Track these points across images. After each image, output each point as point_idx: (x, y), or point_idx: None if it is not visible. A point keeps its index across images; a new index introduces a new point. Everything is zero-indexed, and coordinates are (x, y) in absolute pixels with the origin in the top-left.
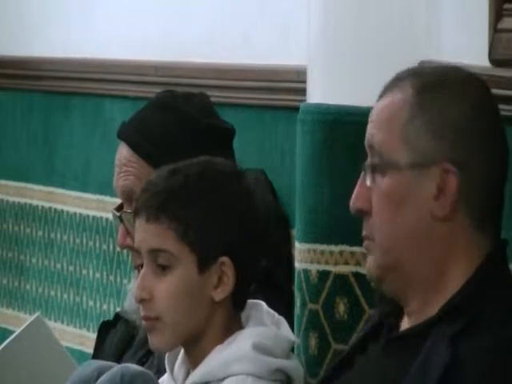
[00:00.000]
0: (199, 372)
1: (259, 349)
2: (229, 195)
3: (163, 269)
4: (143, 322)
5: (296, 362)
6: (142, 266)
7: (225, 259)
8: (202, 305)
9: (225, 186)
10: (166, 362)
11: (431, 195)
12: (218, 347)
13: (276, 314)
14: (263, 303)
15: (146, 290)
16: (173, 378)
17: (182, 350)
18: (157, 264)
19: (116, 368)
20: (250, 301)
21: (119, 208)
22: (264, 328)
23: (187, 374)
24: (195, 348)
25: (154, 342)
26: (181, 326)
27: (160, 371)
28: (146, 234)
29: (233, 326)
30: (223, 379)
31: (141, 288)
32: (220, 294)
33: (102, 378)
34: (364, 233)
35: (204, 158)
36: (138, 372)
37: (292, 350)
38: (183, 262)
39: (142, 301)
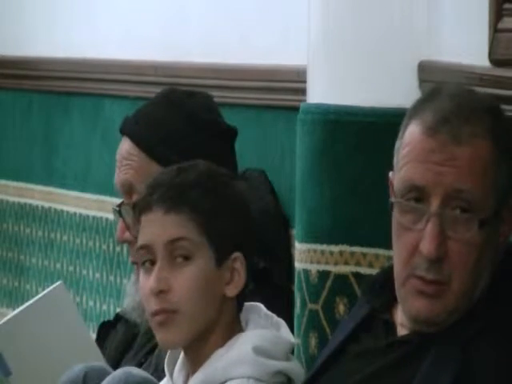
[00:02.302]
0: (200, 376)
1: (259, 352)
2: (236, 193)
3: (182, 260)
4: (156, 318)
5: (296, 364)
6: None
7: (238, 255)
8: (215, 300)
9: (231, 185)
10: (165, 365)
11: None
12: (219, 351)
13: (275, 316)
14: (262, 306)
15: (163, 281)
16: (172, 381)
17: (182, 354)
18: (174, 256)
19: (119, 374)
20: (248, 303)
21: (120, 205)
22: (264, 331)
23: (187, 377)
24: (197, 350)
25: (167, 336)
26: (197, 320)
27: (157, 370)
28: (163, 226)
29: (235, 327)
30: (224, 383)
31: (158, 279)
32: (233, 290)
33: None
34: (437, 277)
35: (203, 161)
36: (142, 379)
37: (292, 351)
38: (202, 253)
39: (159, 293)
